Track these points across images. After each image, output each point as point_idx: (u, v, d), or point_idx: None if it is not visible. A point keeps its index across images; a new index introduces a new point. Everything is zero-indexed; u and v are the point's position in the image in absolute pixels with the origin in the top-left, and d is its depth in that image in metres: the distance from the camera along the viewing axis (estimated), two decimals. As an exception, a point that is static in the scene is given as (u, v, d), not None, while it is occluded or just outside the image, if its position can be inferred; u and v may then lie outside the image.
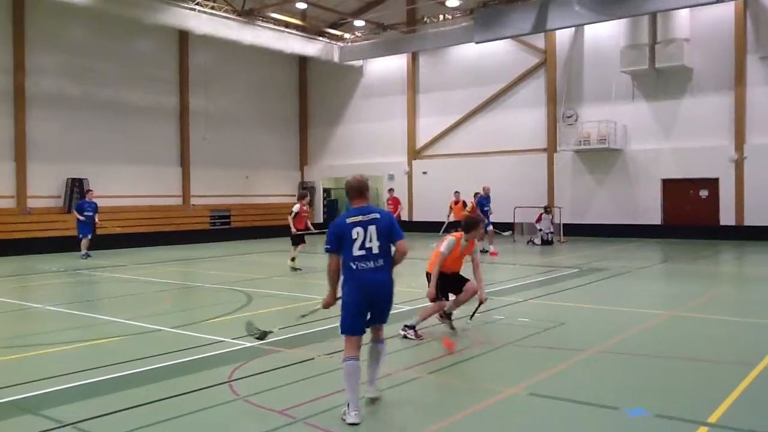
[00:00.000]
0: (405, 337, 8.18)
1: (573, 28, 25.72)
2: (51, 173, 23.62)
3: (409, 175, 30.75)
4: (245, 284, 13.55)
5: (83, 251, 19.70)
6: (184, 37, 27.54)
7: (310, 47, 29.36)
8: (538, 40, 26.99)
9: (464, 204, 21.76)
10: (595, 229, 25.44)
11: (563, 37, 26.53)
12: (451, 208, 21.88)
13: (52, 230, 22.44)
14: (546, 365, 6.89)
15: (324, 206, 33.97)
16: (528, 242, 23.33)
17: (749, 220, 22.96)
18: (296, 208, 16.03)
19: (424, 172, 30.29)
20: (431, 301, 8.28)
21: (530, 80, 27.59)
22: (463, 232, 8.37)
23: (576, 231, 25.16)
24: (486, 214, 19.56)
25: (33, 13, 23.14)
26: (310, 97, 34.06)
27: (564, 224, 24.62)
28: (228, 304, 11.14)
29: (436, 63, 30.13)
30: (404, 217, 29.21)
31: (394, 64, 31.00)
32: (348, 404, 5.27)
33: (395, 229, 5.56)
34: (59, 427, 5.20)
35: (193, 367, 7.03)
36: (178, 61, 28.06)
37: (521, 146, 27.62)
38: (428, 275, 8.38)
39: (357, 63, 31.67)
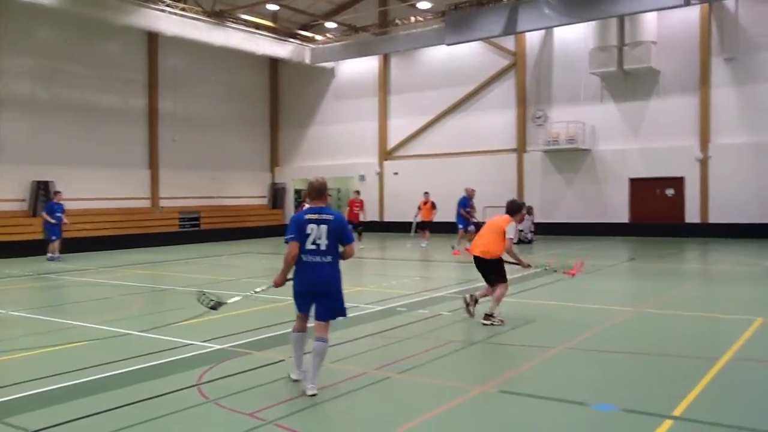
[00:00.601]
0: (492, 324, 8.71)
1: (543, 31, 26.00)
2: (15, 176, 23.15)
3: (380, 175, 30.79)
4: (215, 287, 13.41)
5: (54, 254, 19.43)
6: (153, 38, 27.24)
7: (281, 49, 29.24)
8: (509, 43, 27.23)
9: (433, 205, 21.97)
10: (564, 227, 25.74)
11: (533, 39, 26.80)
12: (419, 208, 22.13)
13: (16, 234, 21.97)
14: (516, 363, 6.97)
15: (295, 208, 33.81)
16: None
17: (713, 218, 23.43)
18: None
19: (395, 173, 30.36)
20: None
21: (501, 82, 27.81)
22: (509, 216, 9.07)
23: (545, 230, 25.41)
24: (468, 214, 20.11)
25: (1, 15, 22.68)
26: (281, 99, 33.93)
27: (533, 223, 24.84)
28: (197, 306, 10.96)
29: (407, 65, 30.22)
30: (375, 217, 29.27)
31: (366, 66, 31.01)
32: (293, 365, 6.33)
33: (345, 232, 6.16)
34: (23, 434, 5.10)
35: (161, 371, 6.96)
36: (148, 63, 27.74)
37: (491, 147, 27.83)
38: (482, 261, 9.07)
39: (328, 65, 31.63)
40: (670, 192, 24.45)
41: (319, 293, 6.05)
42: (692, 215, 23.90)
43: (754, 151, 22.71)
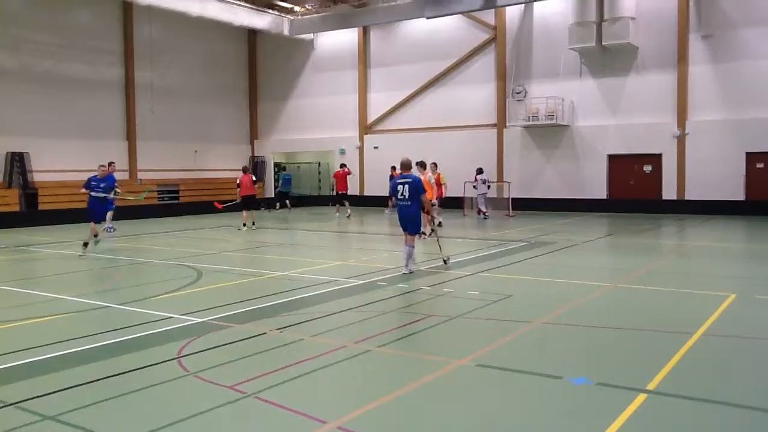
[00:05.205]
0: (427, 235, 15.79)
1: (522, 5, 25.91)
2: (-12, 147, 22.79)
3: (361, 149, 30.70)
4: (195, 260, 13.40)
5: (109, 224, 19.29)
6: (128, 7, 26.71)
7: (260, 20, 28.86)
8: (488, 17, 27.13)
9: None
10: (543, 203, 25.94)
11: (513, 13, 26.72)
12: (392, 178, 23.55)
13: (-9, 206, 21.70)
14: (493, 337, 7.06)
15: (275, 180, 33.64)
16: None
17: (690, 195, 23.75)
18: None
19: (376, 147, 30.29)
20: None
21: (480, 56, 27.75)
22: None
23: (524, 205, 25.63)
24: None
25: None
26: (260, 71, 33.56)
27: (513, 198, 25.00)
28: (178, 279, 11.03)
29: (387, 38, 29.99)
30: (355, 191, 29.21)
31: (345, 39, 30.74)
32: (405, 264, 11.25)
33: (418, 188, 11.10)
34: (1, 407, 5.10)
35: (141, 344, 6.96)
36: (123, 32, 27.24)
37: (471, 122, 27.85)
38: None
39: (307, 37, 31.31)
40: (647, 168, 24.70)
41: (407, 220, 11.27)
42: (669, 192, 24.19)
43: (730, 128, 22.98)
